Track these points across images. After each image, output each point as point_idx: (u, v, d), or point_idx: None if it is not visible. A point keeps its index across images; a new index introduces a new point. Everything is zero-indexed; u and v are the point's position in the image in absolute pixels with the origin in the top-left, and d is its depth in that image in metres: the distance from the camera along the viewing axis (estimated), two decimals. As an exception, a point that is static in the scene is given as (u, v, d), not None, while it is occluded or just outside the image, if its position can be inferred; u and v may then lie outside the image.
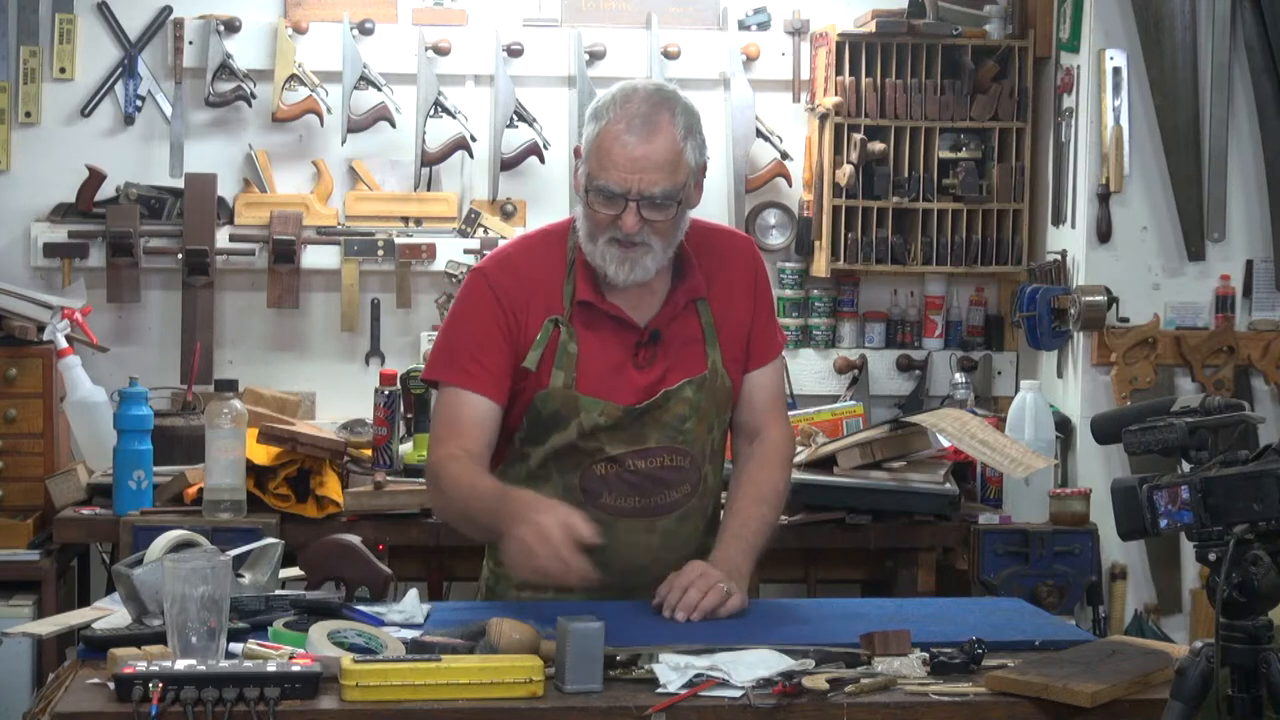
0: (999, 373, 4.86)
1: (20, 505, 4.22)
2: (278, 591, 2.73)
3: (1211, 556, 2.20)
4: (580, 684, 2.32)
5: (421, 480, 3.81)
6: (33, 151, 4.65)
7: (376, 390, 4.18)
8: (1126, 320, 4.45)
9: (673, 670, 2.36)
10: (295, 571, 2.89)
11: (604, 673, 2.34)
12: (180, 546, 2.65)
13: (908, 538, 4.11)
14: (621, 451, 2.90)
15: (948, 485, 4.06)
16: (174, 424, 4.26)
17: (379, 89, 4.65)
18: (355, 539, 2.90)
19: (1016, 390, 4.49)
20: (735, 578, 2.84)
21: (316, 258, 4.66)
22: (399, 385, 4.21)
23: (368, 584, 2.84)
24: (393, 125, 4.68)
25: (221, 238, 4.62)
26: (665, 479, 2.93)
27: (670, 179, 2.81)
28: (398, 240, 4.67)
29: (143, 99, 4.68)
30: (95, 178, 4.57)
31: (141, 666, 2.23)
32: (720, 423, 2.99)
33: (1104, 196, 4.44)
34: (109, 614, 2.70)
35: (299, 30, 4.67)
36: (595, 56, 4.74)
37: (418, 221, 4.73)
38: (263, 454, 3.98)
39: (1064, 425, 4.47)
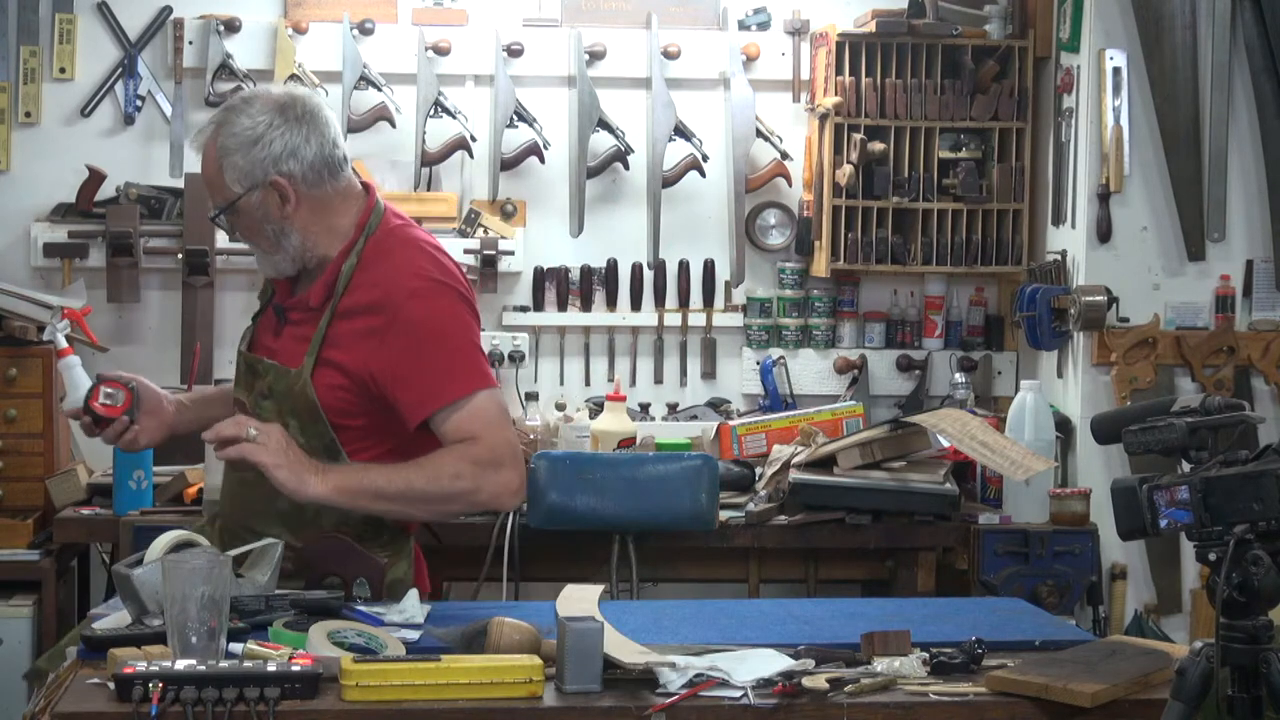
0: (999, 373, 4.86)
1: (20, 505, 4.23)
2: (278, 591, 2.73)
3: (1211, 556, 2.20)
4: (580, 684, 2.32)
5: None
6: (33, 151, 4.65)
7: (376, 390, 4.17)
8: (1126, 320, 4.44)
9: (673, 670, 2.36)
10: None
11: (604, 673, 2.34)
12: (180, 546, 2.65)
13: (908, 538, 4.10)
14: (237, 396, 3.08)
15: (948, 485, 4.06)
16: (174, 424, 4.25)
17: (379, 89, 4.65)
18: (344, 536, 2.91)
19: (1016, 390, 4.48)
20: (296, 459, 2.83)
21: (316, 258, 4.66)
22: (399, 385, 4.19)
23: (364, 577, 2.85)
24: (393, 125, 4.68)
25: (221, 238, 4.62)
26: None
27: (216, 195, 2.99)
28: (398, 240, 4.66)
29: (143, 99, 4.68)
30: (95, 178, 4.57)
31: (141, 666, 2.23)
32: (302, 430, 2.92)
33: (1104, 196, 4.44)
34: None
35: (299, 30, 4.67)
36: (595, 56, 4.74)
37: (418, 221, 4.71)
38: (263, 454, 3.97)
39: (1064, 425, 4.46)
